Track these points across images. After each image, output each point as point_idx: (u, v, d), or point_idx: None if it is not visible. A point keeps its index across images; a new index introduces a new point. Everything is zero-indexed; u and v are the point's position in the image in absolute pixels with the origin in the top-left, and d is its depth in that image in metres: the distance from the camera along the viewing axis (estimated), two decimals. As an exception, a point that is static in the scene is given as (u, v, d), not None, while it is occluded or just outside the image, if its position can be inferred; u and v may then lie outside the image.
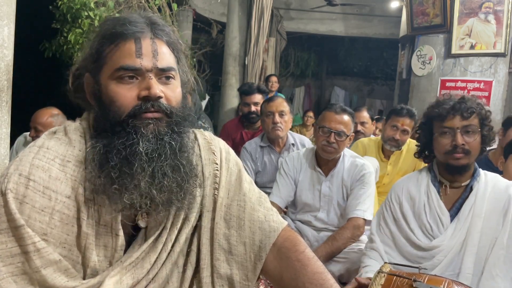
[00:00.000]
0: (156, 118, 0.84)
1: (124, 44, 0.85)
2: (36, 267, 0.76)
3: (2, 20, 1.81)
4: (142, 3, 3.81)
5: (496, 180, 1.60)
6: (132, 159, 0.81)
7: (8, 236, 0.76)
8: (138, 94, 0.84)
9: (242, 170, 1.05)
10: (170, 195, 0.85)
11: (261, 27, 5.24)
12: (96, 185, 0.82)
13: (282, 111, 2.64)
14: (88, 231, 0.82)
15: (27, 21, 3.57)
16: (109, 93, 0.84)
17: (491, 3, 4.74)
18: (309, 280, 0.89)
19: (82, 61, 0.93)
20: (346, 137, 2.11)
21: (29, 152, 0.83)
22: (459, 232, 1.54)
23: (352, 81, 10.84)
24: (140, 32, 0.86)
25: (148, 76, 0.85)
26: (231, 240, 0.96)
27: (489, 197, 1.55)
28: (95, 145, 0.84)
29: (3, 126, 1.90)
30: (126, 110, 0.83)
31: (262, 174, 2.79)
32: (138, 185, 0.82)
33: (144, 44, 0.85)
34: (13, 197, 0.76)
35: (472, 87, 4.99)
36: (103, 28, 0.89)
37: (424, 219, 1.62)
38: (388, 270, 1.40)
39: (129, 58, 0.84)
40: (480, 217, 1.53)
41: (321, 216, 2.20)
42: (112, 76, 0.85)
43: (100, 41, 0.87)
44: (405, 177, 1.79)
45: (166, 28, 0.91)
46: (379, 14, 7.98)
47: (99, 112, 0.86)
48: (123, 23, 0.86)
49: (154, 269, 0.88)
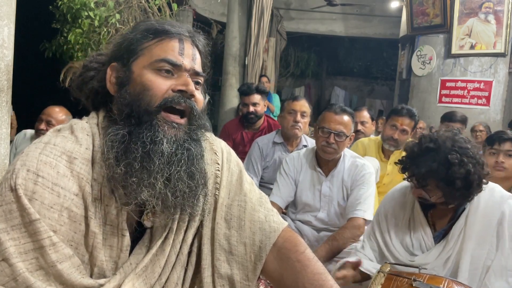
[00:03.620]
0: (179, 124, 0.87)
1: (169, 40, 0.89)
2: (51, 261, 0.76)
3: (2, 20, 1.81)
4: (142, 3, 3.81)
5: (490, 194, 1.50)
6: (154, 156, 0.82)
7: (21, 232, 0.75)
8: (173, 87, 0.86)
9: (243, 170, 1.06)
10: (182, 200, 0.86)
11: (261, 27, 5.24)
12: (114, 174, 0.81)
13: (304, 112, 2.71)
14: (96, 230, 0.82)
15: (27, 21, 3.58)
16: (144, 81, 0.86)
17: (491, 3, 4.75)
18: (309, 281, 0.89)
19: (106, 52, 0.95)
20: (346, 138, 2.11)
21: (35, 148, 0.82)
22: (448, 253, 1.47)
23: (352, 81, 10.85)
24: (183, 35, 0.91)
25: (186, 74, 0.88)
26: (232, 240, 0.97)
27: (481, 215, 1.46)
28: (117, 132, 0.83)
29: (3, 126, 1.90)
30: (158, 100, 0.85)
31: (270, 170, 2.80)
32: (154, 184, 0.82)
33: (186, 46, 0.90)
34: (23, 193, 0.76)
35: (472, 87, 5.00)
36: (143, 24, 0.93)
37: (407, 238, 1.56)
38: (388, 270, 1.40)
39: (171, 54, 0.88)
40: (471, 240, 1.44)
41: (321, 216, 2.21)
42: (150, 66, 0.87)
43: (141, 34, 0.90)
44: (395, 189, 1.73)
45: (202, 40, 0.96)
46: (379, 14, 7.98)
47: (125, 100, 0.86)
48: (168, 23, 0.92)
49: (165, 272, 0.88)
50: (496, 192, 1.51)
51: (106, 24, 3.51)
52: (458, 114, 3.98)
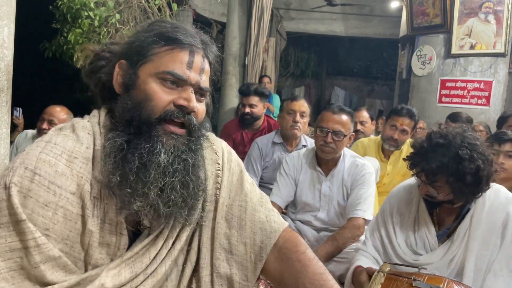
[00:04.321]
0: (178, 135, 0.87)
1: (179, 51, 0.88)
2: (35, 263, 0.76)
3: (2, 20, 1.81)
4: (142, 3, 3.81)
5: (496, 195, 1.50)
6: (150, 167, 0.82)
7: (8, 231, 0.76)
8: (175, 101, 0.86)
9: (243, 171, 1.06)
10: (174, 209, 0.86)
11: (261, 27, 5.24)
12: (109, 182, 0.82)
13: (303, 112, 2.72)
14: (92, 228, 0.82)
15: (27, 21, 3.58)
16: (147, 89, 0.86)
17: (491, 3, 4.74)
18: (309, 281, 0.89)
19: (119, 46, 0.94)
20: (344, 137, 2.11)
21: (36, 146, 0.83)
22: (453, 253, 1.47)
23: (352, 81, 10.84)
24: (196, 46, 0.90)
25: (190, 89, 0.88)
26: (232, 240, 0.97)
27: (485, 216, 1.46)
28: (116, 139, 0.84)
29: (3, 126, 1.90)
30: (158, 111, 0.85)
31: (270, 170, 2.81)
32: (147, 194, 0.83)
33: (196, 59, 0.89)
34: (18, 191, 0.76)
35: (472, 87, 4.99)
36: (158, 26, 0.91)
37: (411, 237, 1.57)
38: (388, 269, 1.40)
39: (179, 66, 0.87)
40: (476, 241, 1.44)
41: (321, 216, 2.21)
42: (156, 75, 0.87)
43: (153, 38, 0.89)
44: (401, 186, 1.72)
45: (214, 50, 0.95)
46: (379, 14, 7.98)
47: (128, 106, 0.86)
48: (182, 31, 0.90)
49: (153, 264, 0.88)
50: (501, 193, 1.51)
51: (106, 24, 3.51)
52: (464, 115, 4.00)
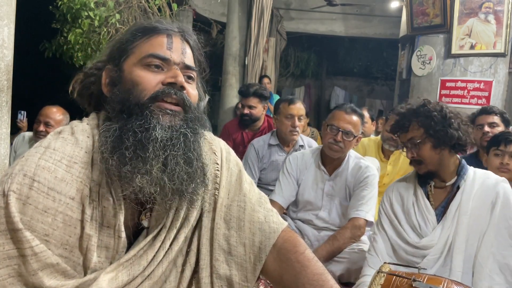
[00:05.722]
0: (174, 111, 0.86)
1: (156, 37, 0.90)
2: (33, 270, 0.76)
3: (2, 20, 1.81)
4: (142, 3, 3.81)
5: (486, 177, 1.61)
6: (147, 143, 0.81)
7: (6, 238, 0.76)
8: (163, 81, 0.87)
9: (242, 170, 1.05)
10: (180, 186, 0.85)
11: (261, 27, 5.24)
12: (110, 166, 0.81)
13: (301, 115, 2.71)
14: (90, 232, 0.81)
15: (27, 21, 3.58)
16: (133, 77, 0.87)
17: (491, 3, 4.74)
18: (309, 281, 0.89)
19: (104, 57, 0.97)
20: (354, 138, 2.11)
21: (35, 152, 0.82)
22: (447, 230, 1.56)
23: (352, 81, 10.83)
24: (172, 30, 0.92)
25: (175, 67, 0.89)
26: (231, 241, 0.96)
27: (476, 195, 1.57)
28: (110, 126, 0.84)
29: (3, 126, 1.90)
30: (148, 93, 0.85)
31: (268, 172, 2.80)
32: (150, 170, 0.81)
33: (174, 41, 0.91)
34: (16, 198, 0.76)
35: (472, 87, 4.99)
36: (134, 25, 0.95)
37: (413, 218, 1.65)
38: (388, 270, 1.40)
39: (159, 49, 0.89)
40: (466, 215, 1.55)
41: (323, 215, 2.20)
42: (139, 63, 0.88)
43: (130, 34, 0.91)
44: (396, 180, 1.83)
45: (194, 36, 0.97)
46: (379, 14, 7.98)
47: (117, 97, 0.87)
48: (159, 22, 0.93)
49: (150, 266, 0.87)
50: (491, 175, 1.63)
51: (106, 24, 3.52)
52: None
